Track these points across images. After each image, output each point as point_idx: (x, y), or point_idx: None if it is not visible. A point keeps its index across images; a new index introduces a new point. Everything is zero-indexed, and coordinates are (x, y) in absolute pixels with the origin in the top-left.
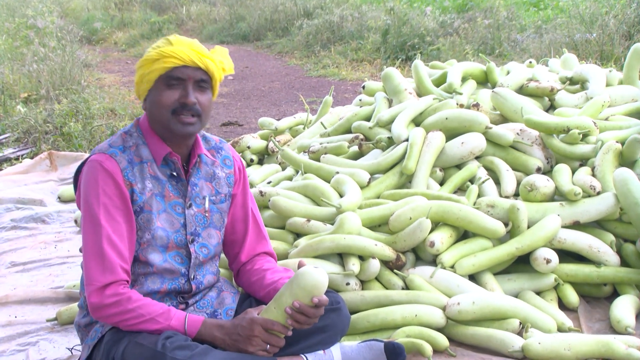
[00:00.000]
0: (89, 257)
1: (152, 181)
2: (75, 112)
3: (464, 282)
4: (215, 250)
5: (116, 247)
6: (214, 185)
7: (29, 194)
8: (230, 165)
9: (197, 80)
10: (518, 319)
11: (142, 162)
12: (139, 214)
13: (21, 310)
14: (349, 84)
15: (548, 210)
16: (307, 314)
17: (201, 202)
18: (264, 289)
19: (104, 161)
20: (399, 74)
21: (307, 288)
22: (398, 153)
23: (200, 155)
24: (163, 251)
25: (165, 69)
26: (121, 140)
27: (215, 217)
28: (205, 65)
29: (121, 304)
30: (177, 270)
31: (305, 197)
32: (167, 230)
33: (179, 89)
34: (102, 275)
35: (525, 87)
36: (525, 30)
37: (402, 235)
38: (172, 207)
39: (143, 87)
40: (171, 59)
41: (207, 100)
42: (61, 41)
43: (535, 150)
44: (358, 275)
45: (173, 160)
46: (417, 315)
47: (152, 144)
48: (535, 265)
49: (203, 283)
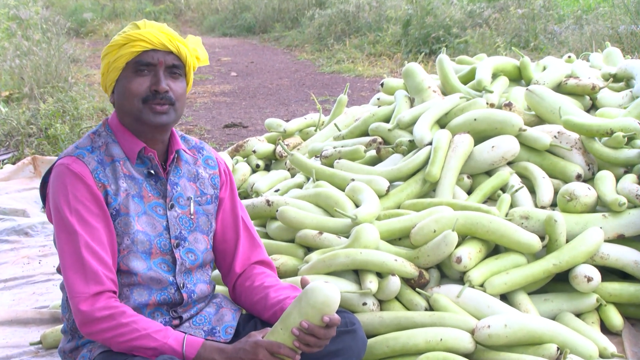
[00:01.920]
0: (69, 270)
1: (126, 181)
2: (61, 112)
3: (495, 302)
4: (203, 257)
5: (97, 255)
6: (198, 186)
7: (11, 204)
8: (214, 165)
9: (169, 65)
10: (555, 343)
11: (114, 161)
12: (116, 218)
13: (2, 333)
14: (365, 81)
15: (589, 223)
16: (316, 335)
17: (185, 203)
18: (268, 309)
19: (70, 164)
20: (421, 70)
21: (316, 305)
22: (420, 158)
23: (178, 151)
24: (147, 258)
25: (133, 54)
26: (89, 140)
27: (201, 220)
28: (176, 49)
29: (114, 317)
30: (164, 279)
31: (317, 207)
32: (149, 234)
33: (149, 76)
34: (85, 286)
35: (563, 84)
36: (564, 20)
37: (426, 249)
38: (152, 208)
39: (110, 77)
40: (139, 42)
41: (181, 88)
42: (46, 34)
43: (574, 155)
44: (376, 294)
45: (149, 157)
46: (442, 339)
47: (124, 141)
48: (575, 284)
49: (195, 292)
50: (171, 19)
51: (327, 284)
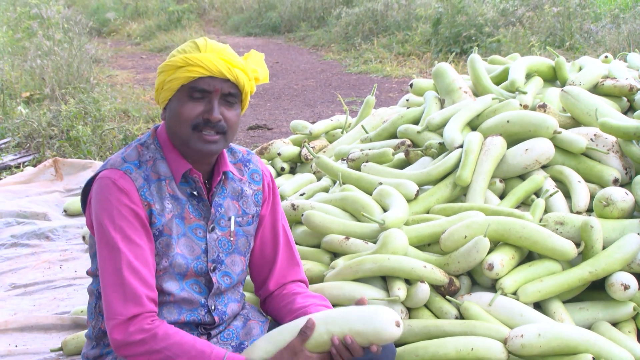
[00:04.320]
0: (109, 288)
1: (171, 201)
2: (83, 113)
3: (528, 310)
4: (238, 279)
5: (139, 274)
6: (241, 205)
7: (31, 207)
8: (259, 180)
9: (225, 93)
10: (591, 353)
11: (160, 180)
12: (158, 238)
13: (22, 339)
14: (394, 81)
15: (627, 229)
16: (354, 354)
17: (226, 224)
18: (292, 313)
19: (117, 179)
20: (452, 70)
21: (373, 331)
22: (451, 161)
23: (226, 172)
24: (180, 279)
25: (189, 79)
26: (136, 153)
27: (240, 242)
28: (235, 78)
29: (146, 342)
30: (196, 300)
31: (343, 211)
32: (187, 257)
33: (203, 103)
34: (123, 307)
35: (600, 85)
36: (600, 19)
37: (456, 256)
38: (193, 230)
39: (163, 95)
40: (197, 67)
41: (235, 116)
42: (68, 33)
43: (611, 159)
44: (404, 301)
45: (194, 178)
46: (473, 349)
47: (171, 159)
48: (611, 292)
49: (227, 313)
50: (194, 18)
51: (399, 325)
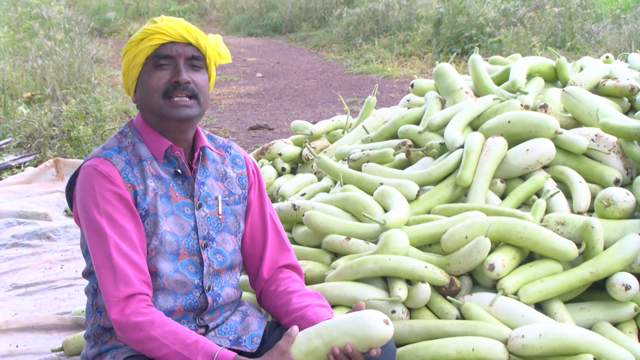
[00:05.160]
0: (100, 272)
1: (154, 180)
2: (84, 113)
3: (529, 311)
4: (232, 259)
5: (126, 256)
6: (226, 185)
7: (32, 207)
8: (242, 165)
9: (189, 57)
10: (592, 354)
11: (142, 161)
12: (145, 218)
13: (23, 339)
14: (395, 81)
15: (628, 229)
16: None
17: (213, 202)
18: (289, 314)
19: (98, 165)
20: (453, 71)
21: (371, 337)
22: (452, 162)
23: (204, 148)
24: (174, 259)
25: (152, 48)
26: (116, 141)
27: (229, 220)
28: (195, 40)
29: (143, 328)
30: (190, 281)
31: (344, 211)
32: (177, 235)
33: (170, 69)
34: (115, 288)
35: (601, 85)
36: (602, 20)
37: (457, 256)
38: (180, 208)
39: (131, 75)
40: (157, 35)
41: (203, 80)
42: (69, 33)
43: (612, 159)
44: (405, 302)
45: (175, 156)
46: (474, 349)
47: (150, 140)
48: (612, 293)
49: (221, 296)
50: (196, 19)
51: (388, 323)
